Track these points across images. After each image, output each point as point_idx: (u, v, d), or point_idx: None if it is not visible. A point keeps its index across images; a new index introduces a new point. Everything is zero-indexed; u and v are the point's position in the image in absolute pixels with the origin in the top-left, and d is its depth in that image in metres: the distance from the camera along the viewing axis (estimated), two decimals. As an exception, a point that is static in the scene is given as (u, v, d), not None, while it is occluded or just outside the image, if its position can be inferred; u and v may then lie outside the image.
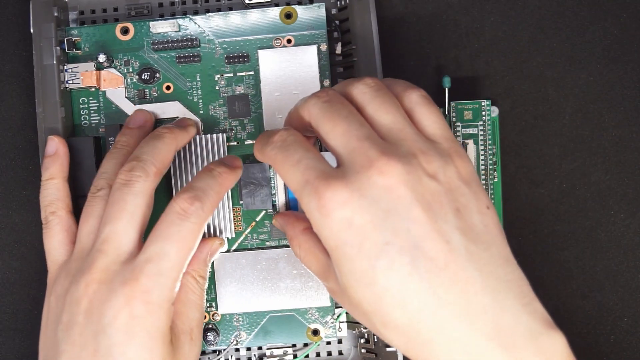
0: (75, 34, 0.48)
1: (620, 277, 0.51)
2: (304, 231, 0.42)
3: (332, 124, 0.37)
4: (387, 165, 0.35)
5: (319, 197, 0.35)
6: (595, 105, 0.51)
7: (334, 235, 0.35)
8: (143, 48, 0.48)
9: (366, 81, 0.39)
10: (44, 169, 0.45)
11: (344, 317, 0.48)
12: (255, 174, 0.47)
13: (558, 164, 0.51)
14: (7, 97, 0.53)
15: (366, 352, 0.48)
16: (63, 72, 0.47)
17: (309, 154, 0.37)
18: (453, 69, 0.52)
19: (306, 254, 0.41)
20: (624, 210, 0.51)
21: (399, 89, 0.39)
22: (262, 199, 0.47)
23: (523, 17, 0.52)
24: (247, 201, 0.47)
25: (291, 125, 0.42)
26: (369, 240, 0.34)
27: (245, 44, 0.48)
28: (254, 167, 0.47)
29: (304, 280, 0.47)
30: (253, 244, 0.48)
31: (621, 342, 0.51)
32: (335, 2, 0.50)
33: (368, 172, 0.35)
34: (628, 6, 0.52)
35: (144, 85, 0.48)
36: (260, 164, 0.47)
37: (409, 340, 0.34)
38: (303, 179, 0.36)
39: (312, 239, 0.41)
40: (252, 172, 0.47)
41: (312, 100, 0.39)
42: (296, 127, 0.41)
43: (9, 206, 0.52)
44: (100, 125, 0.48)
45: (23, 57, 0.53)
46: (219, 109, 0.48)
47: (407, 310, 0.34)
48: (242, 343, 0.48)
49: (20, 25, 0.53)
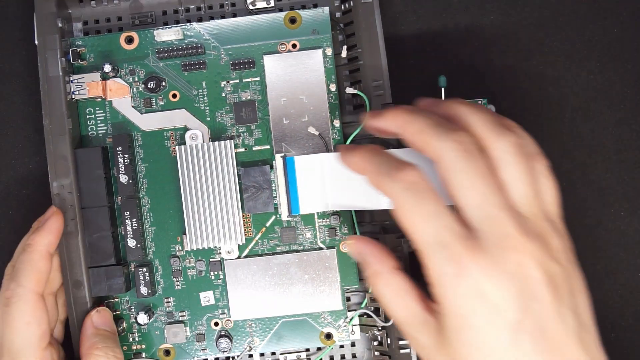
0: (80, 45, 0.48)
1: (621, 275, 0.52)
2: (394, 270, 0.40)
3: (469, 181, 0.36)
4: (523, 245, 0.35)
5: (457, 264, 0.35)
6: (595, 103, 0.52)
7: (463, 303, 0.35)
8: (148, 57, 0.48)
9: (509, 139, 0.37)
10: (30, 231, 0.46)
11: (357, 320, 0.49)
12: (256, 177, 0.47)
13: (558, 162, 0.52)
14: (7, 97, 0.52)
15: (380, 355, 0.48)
16: (69, 83, 0.47)
17: (446, 210, 0.36)
18: (453, 67, 0.52)
19: (396, 298, 0.39)
20: (624, 209, 0.52)
21: (530, 151, 0.39)
22: (264, 201, 0.48)
23: (523, 16, 0.52)
24: (248, 205, 0.48)
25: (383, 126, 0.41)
26: (500, 316, 0.35)
27: (251, 49, 0.48)
28: (255, 170, 0.47)
29: (316, 284, 0.47)
30: (264, 250, 0.48)
31: (622, 340, 0.52)
32: (339, 6, 0.50)
33: (506, 248, 0.35)
34: (628, 4, 0.52)
35: (150, 94, 0.48)
36: (260, 167, 0.47)
37: None
38: (438, 238, 0.36)
39: (405, 283, 0.39)
40: (253, 176, 0.47)
41: (450, 143, 0.37)
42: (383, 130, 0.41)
43: (9, 206, 0.52)
44: (107, 135, 0.48)
45: (23, 57, 0.52)
46: (226, 116, 0.48)
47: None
48: (255, 349, 0.48)
49: (20, 25, 0.52)
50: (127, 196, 0.47)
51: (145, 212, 0.48)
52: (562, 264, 0.37)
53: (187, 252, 0.48)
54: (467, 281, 0.35)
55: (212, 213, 0.47)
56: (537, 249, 0.36)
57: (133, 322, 0.48)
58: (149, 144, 0.48)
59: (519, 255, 0.35)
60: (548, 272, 0.36)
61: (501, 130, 0.38)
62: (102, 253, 0.47)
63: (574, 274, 0.38)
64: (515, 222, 0.36)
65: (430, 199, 0.37)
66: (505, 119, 0.40)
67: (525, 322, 0.35)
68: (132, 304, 0.48)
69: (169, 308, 0.48)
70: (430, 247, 0.36)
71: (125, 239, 0.47)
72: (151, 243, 0.48)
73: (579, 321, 0.36)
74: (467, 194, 0.36)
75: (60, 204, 0.46)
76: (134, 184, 0.48)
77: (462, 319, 0.36)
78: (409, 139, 0.39)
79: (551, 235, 0.37)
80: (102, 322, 0.46)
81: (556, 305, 0.36)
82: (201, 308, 0.48)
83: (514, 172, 0.37)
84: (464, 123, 0.39)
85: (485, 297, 0.35)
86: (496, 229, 0.36)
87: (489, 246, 0.35)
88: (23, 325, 0.42)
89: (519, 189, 0.37)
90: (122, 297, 0.48)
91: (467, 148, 0.37)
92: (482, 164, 0.37)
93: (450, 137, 0.37)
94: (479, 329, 0.35)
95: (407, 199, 0.37)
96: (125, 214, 0.47)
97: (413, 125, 0.39)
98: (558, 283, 0.36)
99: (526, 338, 0.35)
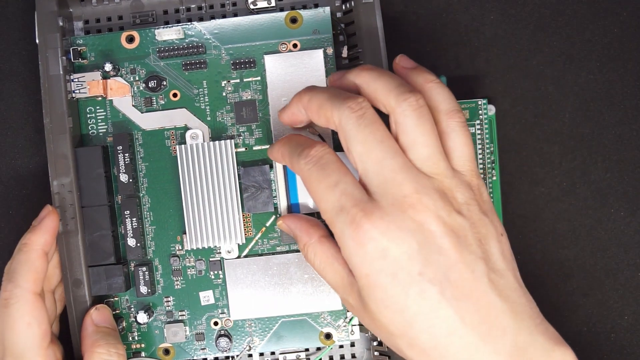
0: (80, 44, 0.48)
1: (621, 275, 0.52)
2: (320, 239, 0.42)
3: (366, 147, 0.38)
4: (420, 203, 0.37)
5: (356, 227, 0.37)
6: (595, 103, 0.52)
7: (367, 264, 0.37)
8: (149, 56, 0.48)
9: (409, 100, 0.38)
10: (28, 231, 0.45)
11: (356, 320, 0.49)
12: (256, 177, 0.47)
13: (558, 162, 0.52)
14: (7, 97, 0.52)
15: (379, 355, 0.48)
16: (69, 82, 0.47)
17: (346, 178, 0.38)
18: (453, 67, 0.52)
19: (324, 264, 0.41)
20: (624, 209, 0.52)
21: (442, 107, 0.40)
22: (263, 201, 0.47)
23: (523, 16, 0.52)
24: (248, 205, 0.47)
25: (291, 114, 0.42)
26: (403, 270, 0.36)
27: (251, 49, 0.48)
28: (254, 170, 0.47)
29: (316, 284, 0.47)
30: (264, 250, 0.48)
31: (621, 340, 0.52)
32: (340, 6, 0.50)
33: (402, 207, 0.37)
34: (628, 4, 0.52)
35: (151, 93, 0.48)
36: (260, 167, 0.47)
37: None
38: (339, 204, 0.37)
39: (331, 250, 0.41)
40: (253, 175, 0.47)
41: (344, 111, 0.38)
42: (296, 118, 0.42)
43: (9, 206, 0.52)
44: (107, 134, 0.48)
45: (23, 56, 0.52)
46: (227, 115, 0.48)
47: (435, 334, 0.37)
48: (255, 349, 0.48)
49: (20, 24, 0.52)
50: (127, 195, 0.47)
51: (145, 211, 0.48)
52: (467, 215, 0.38)
53: (187, 251, 0.48)
54: (369, 243, 0.37)
55: (212, 212, 0.47)
56: (437, 205, 0.37)
57: (133, 321, 0.48)
58: (149, 143, 0.48)
59: (416, 212, 0.37)
60: (449, 225, 0.37)
61: (401, 93, 0.38)
62: (102, 252, 0.47)
63: (482, 222, 0.38)
64: (412, 182, 0.37)
65: (333, 170, 0.38)
66: (423, 73, 0.41)
67: (427, 273, 0.36)
68: (132, 303, 0.48)
69: (169, 307, 0.48)
70: (333, 214, 0.38)
71: (125, 238, 0.47)
72: (151, 242, 0.48)
73: (489, 267, 0.37)
74: (364, 159, 0.38)
75: (60, 203, 0.46)
76: (134, 183, 0.48)
77: (368, 279, 0.37)
78: (314, 119, 0.41)
79: (458, 190, 0.38)
80: (102, 319, 0.46)
81: (461, 254, 0.37)
82: (201, 307, 0.48)
83: (413, 135, 0.38)
84: (368, 90, 0.40)
85: (387, 255, 0.36)
86: (393, 191, 0.37)
87: (387, 207, 0.37)
88: (24, 326, 0.42)
89: (419, 150, 0.38)
90: (122, 296, 0.48)
91: (362, 114, 0.38)
92: (377, 129, 0.38)
93: (344, 104, 0.38)
94: (385, 287, 0.37)
95: (312, 172, 0.39)
96: (125, 213, 0.47)
97: (313, 101, 0.40)
98: (462, 234, 0.37)
99: (431, 288, 0.36)
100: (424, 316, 0.36)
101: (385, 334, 0.38)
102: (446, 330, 0.36)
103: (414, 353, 0.37)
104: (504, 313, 0.37)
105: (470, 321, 0.36)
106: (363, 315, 0.39)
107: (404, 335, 0.37)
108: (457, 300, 0.36)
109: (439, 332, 0.36)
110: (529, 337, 0.37)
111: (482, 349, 0.36)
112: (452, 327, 0.36)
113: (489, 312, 0.36)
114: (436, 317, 0.36)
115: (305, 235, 0.43)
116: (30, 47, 0.52)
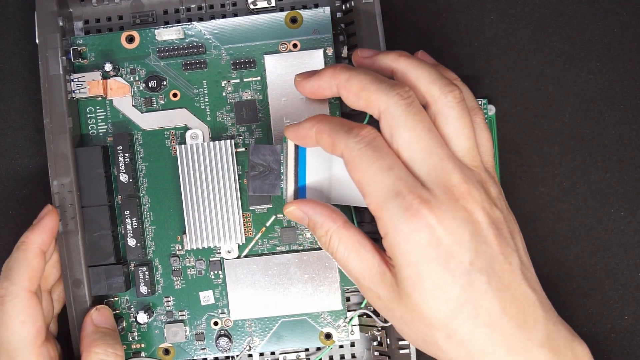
0: (80, 44, 0.48)
1: (621, 275, 0.52)
2: (345, 225, 0.40)
3: (414, 135, 0.38)
4: (469, 193, 0.38)
5: (413, 213, 0.36)
6: (595, 103, 0.52)
7: (419, 252, 0.37)
8: (149, 56, 0.48)
9: (454, 93, 0.39)
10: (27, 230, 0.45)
11: (356, 320, 0.49)
12: (266, 155, 0.45)
13: (558, 162, 0.52)
14: (7, 97, 0.52)
15: (379, 355, 0.49)
16: (69, 82, 0.47)
17: (399, 163, 0.38)
18: (453, 67, 0.52)
19: (349, 251, 0.40)
20: (624, 209, 0.52)
21: (471, 105, 0.41)
22: (270, 183, 0.45)
23: (523, 16, 0.52)
24: (254, 185, 0.44)
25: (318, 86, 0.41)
26: (454, 259, 0.37)
27: (251, 49, 0.48)
28: (265, 148, 0.45)
29: (316, 284, 0.47)
30: (264, 250, 0.48)
31: (621, 340, 0.52)
32: (340, 6, 0.50)
33: (455, 196, 0.37)
34: (628, 4, 0.52)
35: (151, 93, 0.48)
36: (272, 146, 0.44)
37: (468, 353, 0.38)
38: (394, 188, 0.37)
39: (357, 236, 0.40)
40: (263, 154, 0.44)
41: (393, 97, 0.38)
42: (321, 91, 0.42)
43: (9, 206, 0.52)
44: (107, 134, 0.48)
45: (23, 56, 0.52)
46: (227, 115, 0.48)
47: (478, 324, 0.37)
48: (255, 348, 0.48)
49: (20, 24, 0.52)
50: (127, 195, 0.47)
51: (145, 211, 0.48)
52: (501, 209, 0.39)
53: (187, 251, 0.48)
54: (423, 230, 0.36)
55: (212, 212, 0.47)
56: (481, 197, 0.38)
57: (133, 321, 0.48)
58: (149, 143, 0.48)
59: (467, 202, 0.37)
60: (491, 217, 0.38)
61: (446, 85, 0.39)
62: (102, 252, 0.47)
63: (511, 217, 0.40)
64: (460, 173, 0.38)
65: (387, 153, 0.38)
66: (446, 71, 0.42)
67: (477, 263, 0.37)
68: (132, 303, 0.48)
69: (169, 307, 0.48)
70: (386, 197, 0.37)
71: (125, 238, 0.47)
72: (151, 242, 0.48)
73: (521, 260, 0.39)
74: (412, 147, 0.38)
75: (60, 203, 0.46)
76: (134, 183, 0.48)
77: (417, 267, 0.37)
78: (350, 98, 0.40)
79: (490, 184, 0.40)
80: (102, 320, 0.46)
81: (501, 246, 0.38)
82: (201, 307, 0.48)
83: (457, 127, 0.39)
84: (407, 78, 0.40)
85: (440, 243, 0.36)
86: (444, 180, 0.37)
87: (439, 195, 0.37)
88: (18, 324, 0.43)
89: (462, 142, 0.39)
90: (122, 296, 0.48)
91: (410, 102, 0.38)
92: (425, 117, 0.38)
93: (393, 91, 0.38)
94: (436, 276, 0.37)
95: (364, 152, 0.38)
96: (125, 213, 0.47)
97: (353, 82, 0.40)
98: (500, 226, 0.38)
99: (480, 278, 0.37)
100: (470, 306, 0.37)
101: (422, 327, 0.38)
102: (489, 320, 0.37)
103: (450, 345, 0.38)
104: (535, 304, 0.38)
105: (510, 311, 0.37)
106: (395, 307, 0.39)
107: (445, 327, 0.37)
108: (500, 290, 0.37)
109: (482, 322, 0.37)
110: (554, 328, 0.39)
111: (519, 337, 0.37)
112: (494, 318, 0.37)
113: (523, 302, 0.38)
114: (481, 307, 0.37)
115: (329, 221, 0.40)
116: (30, 47, 0.52)
